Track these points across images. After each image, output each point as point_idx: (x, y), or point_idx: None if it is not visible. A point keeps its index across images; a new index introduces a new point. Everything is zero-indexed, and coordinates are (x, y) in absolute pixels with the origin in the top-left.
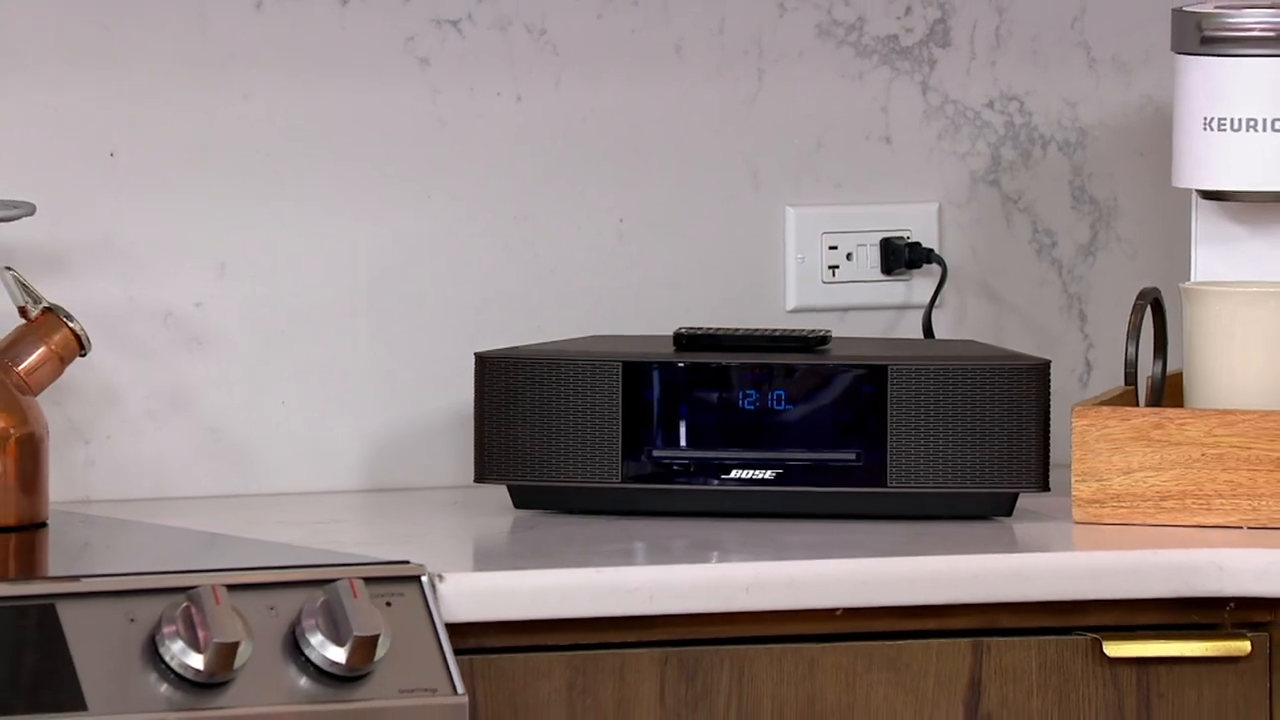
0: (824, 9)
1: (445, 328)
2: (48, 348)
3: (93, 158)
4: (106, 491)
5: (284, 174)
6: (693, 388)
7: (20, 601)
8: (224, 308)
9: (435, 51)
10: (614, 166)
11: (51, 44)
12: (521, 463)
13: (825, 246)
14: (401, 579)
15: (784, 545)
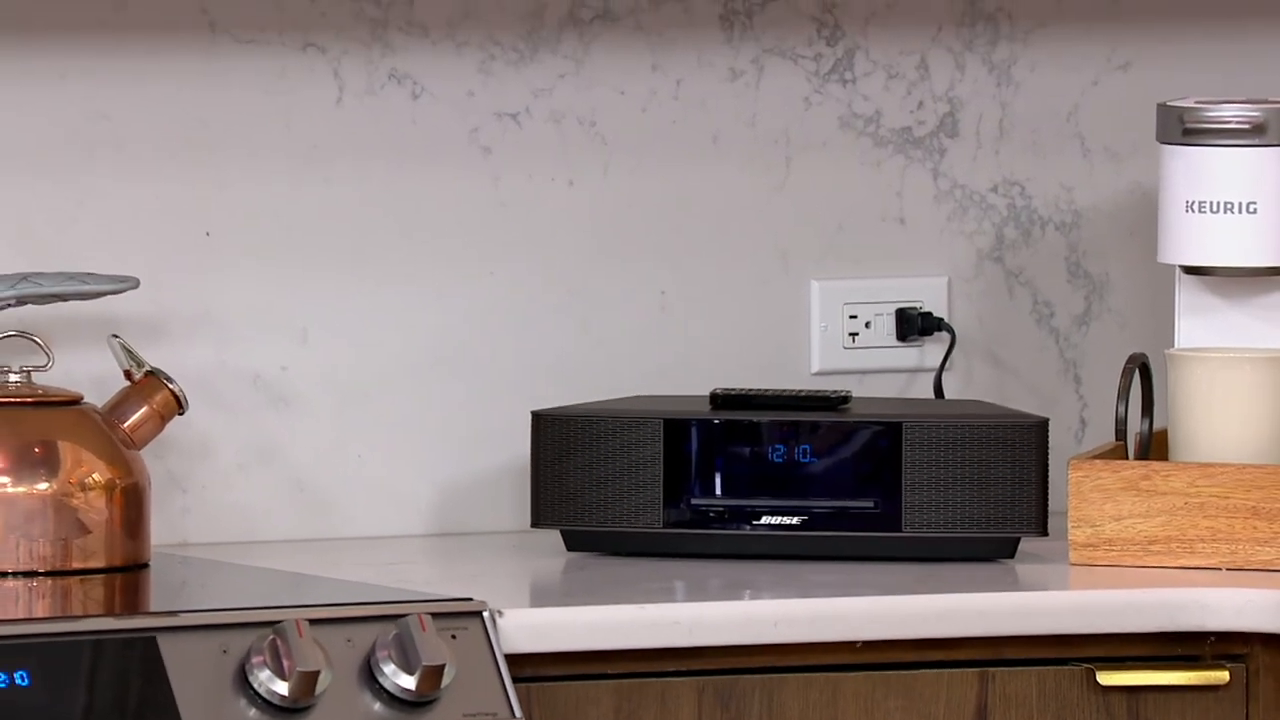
0: (845, 103)
1: (505, 388)
2: (150, 407)
3: (191, 237)
4: (202, 536)
5: (361, 251)
6: (727, 442)
7: (125, 634)
8: (306, 371)
9: (497, 141)
10: (657, 245)
11: (156, 136)
12: (573, 509)
13: (846, 316)
14: (465, 614)
15: (809, 584)
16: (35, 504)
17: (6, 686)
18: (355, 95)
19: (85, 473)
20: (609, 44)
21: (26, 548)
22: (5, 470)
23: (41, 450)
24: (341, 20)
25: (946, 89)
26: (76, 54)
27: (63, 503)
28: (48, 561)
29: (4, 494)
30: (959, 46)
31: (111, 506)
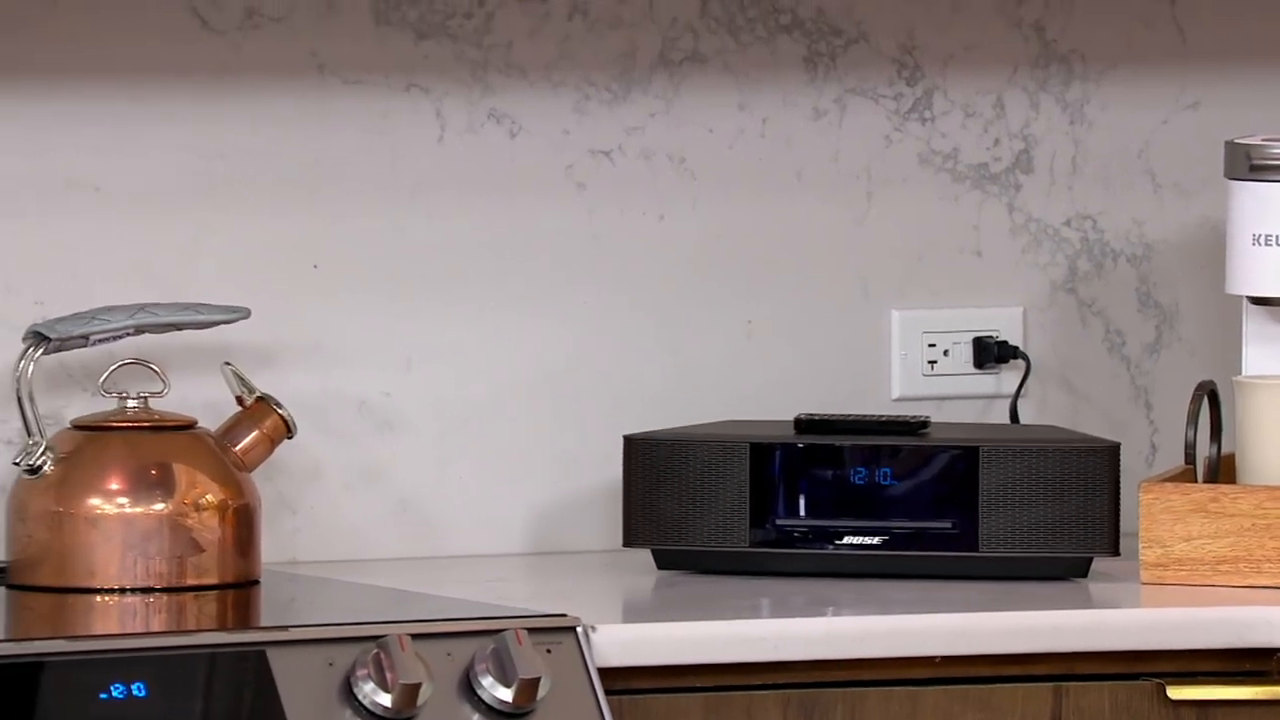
0: (924, 141)
1: (598, 414)
2: (260, 431)
3: (300, 269)
4: (310, 554)
5: (461, 282)
6: (811, 465)
7: (237, 648)
8: (410, 396)
9: (591, 177)
10: (743, 276)
11: (267, 174)
12: (663, 530)
13: (925, 344)
14: (560, 629)
15: (889, 602)
16: (152, 524)
17: (124, 697)
18: (456, 133)
19: (199, 494)
20: (698, 84)
21: (144, 565)
22: (124, 491)
23: (158, 472)
24: (443, 62)
25: (1022, 127)
26: (195, 98)
27: (178, 522)
28: (164, 578)
29: (122, 514)
30: (1034, 86)
31: (224, 526)
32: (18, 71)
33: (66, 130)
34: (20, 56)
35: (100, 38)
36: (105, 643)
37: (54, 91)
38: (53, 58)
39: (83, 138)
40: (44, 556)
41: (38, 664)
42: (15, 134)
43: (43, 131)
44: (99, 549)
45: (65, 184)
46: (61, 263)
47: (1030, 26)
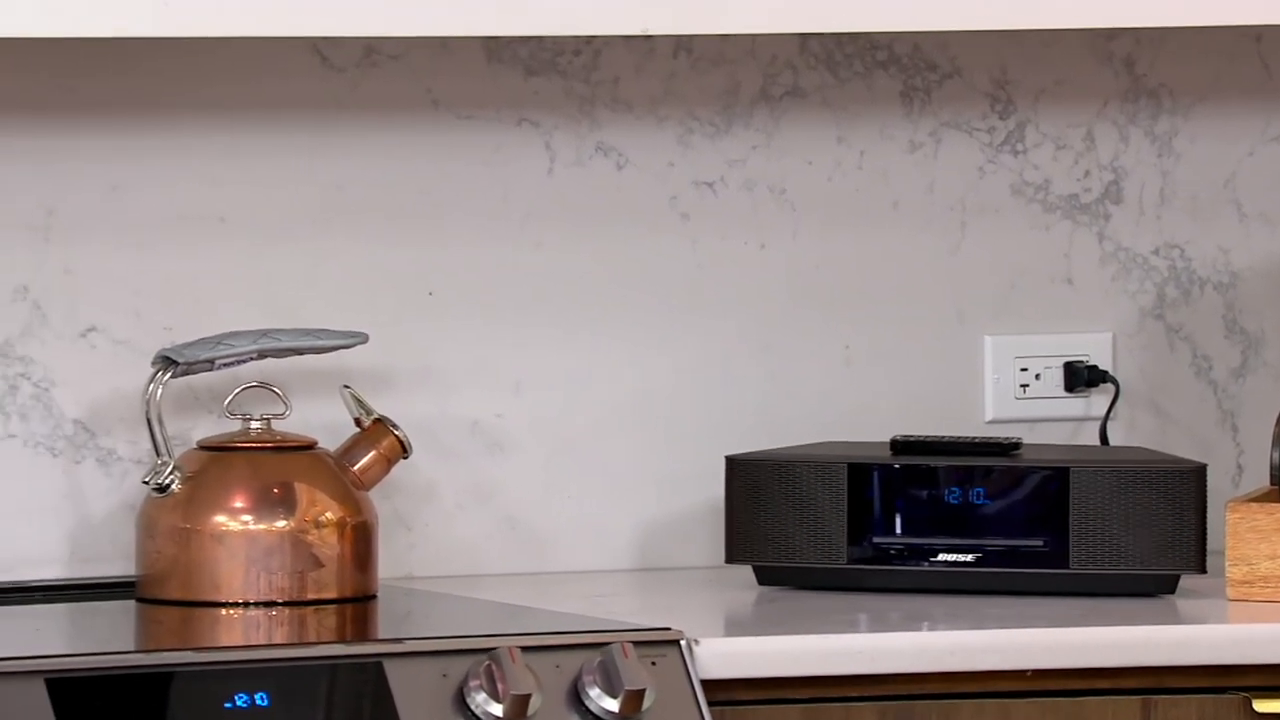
0: (1017, 172)
1: (702, 435)
2: (377, 451)
3: (415, 296)
4: (425, 570)
5: (570, 308)
6: (907, 485)
7: (355, 659)
8: (520, 418)
9: (694, 207)
10: (841, 303)
11: (384, 205)
12: (764, 547)
13: (1018, 369)
14: (664, 643)
15: (983, 616)
16: (274, 540)
17: (247, 706)
18: (565, 166)
19: (319, 511)
20: (798, 118)
21: (266, 580)
22: (247, 509)
23: (280, 491)
24: (553, 98)
25: (1111, 159)
26: (315, 131)
27: (299, 539)
28: (285, 593)
29: (246, 531)
30: (1123, 120)
31: (343, 543)
32: (150, 108)
33: (193, 163)
34: (151, 94)
35: (227, 75)
36: (230, 654)
37: (182, 126)
38: (181, 95)
39: (209, 170)
40: (172, 571)
41: (167, 674)
42: (147, 168)
43: (172, 164)
44: (224, 564)
45: (192, 214)
46: (188, 290)
47: (1120, 62)
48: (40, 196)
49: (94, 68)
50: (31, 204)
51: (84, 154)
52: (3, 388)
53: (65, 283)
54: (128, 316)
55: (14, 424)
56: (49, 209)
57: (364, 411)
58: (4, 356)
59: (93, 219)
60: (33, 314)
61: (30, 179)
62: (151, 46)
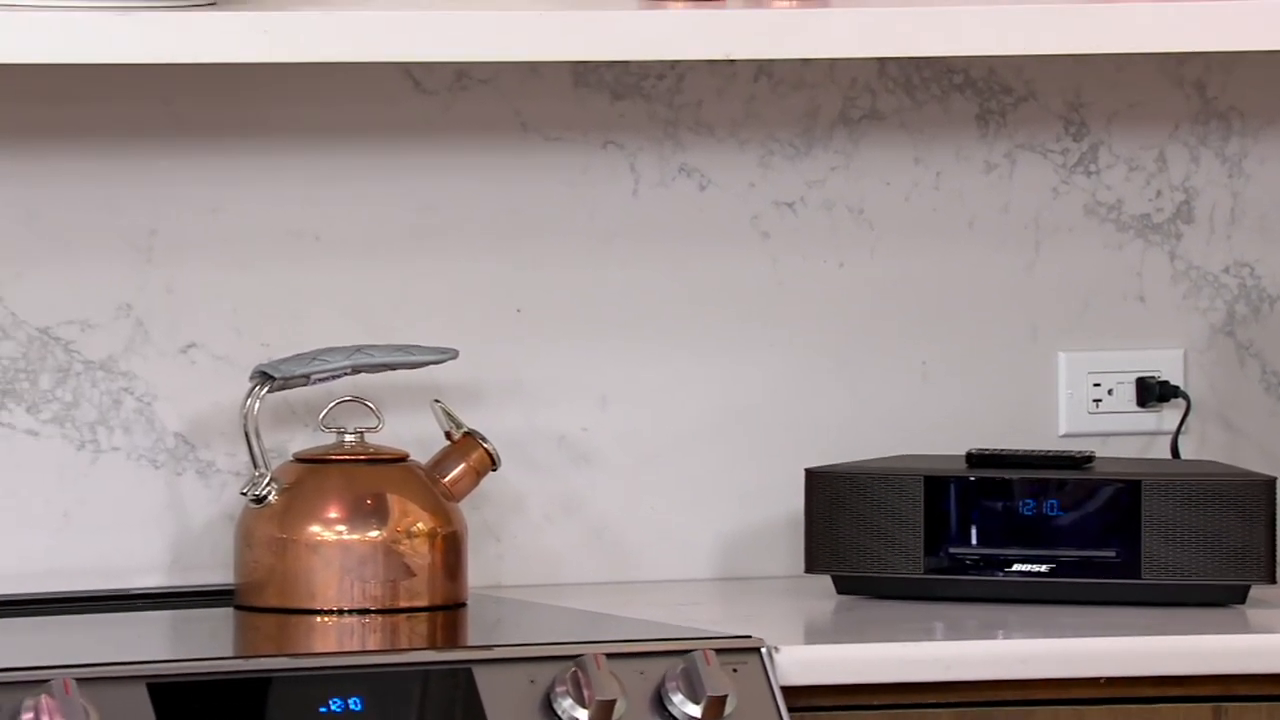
0: (1090, 193)
1: (782, 448)
2: (467, 464)
3: (504, 313)
4: (513, 579)
5: (653, 325)
6: (982, 497)
7: (445, 666)
8: (605, 432)
9: (775, 227)
10: (918, 319)
11: (474, 224)
12: (843, 557)
13: (1090, 384)
14: (745, 650)
15: (1056, 626)
16: (368, 550)
17: (341, 711)
18: (649, 186)
19: (411, 522)
20: (876, 140)
21: (360, 588)
22: (342, 520)
23: (373, 502)
24: (638, 121)
25: (1183, 179)
26: (407, 153)
27: (391, 549)
28: (378, 601)
29: (340, 541)
30: (1194, 141)
31: (434, 552)
32: (249, 132)
33: (290, 184)
34: (251, 118)
35: (322, 99)
36: (325, 660)
37: (280, 148)
38: (280, 118)
39: (306, 191)
40: (269, 580)
41: (265, 680)
42: (246, 189)
43: (269, 185)
44: (319, 573)
45: (288, 234)
46: (285, 307)
47: (1191, 85)
48: (143, 217)
49: (196, 92)
50: (135, 224)
51: (186, 176)
52: (107, 402)
53: (167, 301)
54: (227, 333)
55: (118, 437)
56: (152, 229)
57: (454, 425)
58: (108, 372)
59: (194, 239)
60: (136, 331)
61: (134, 200)
62: (252, 72)
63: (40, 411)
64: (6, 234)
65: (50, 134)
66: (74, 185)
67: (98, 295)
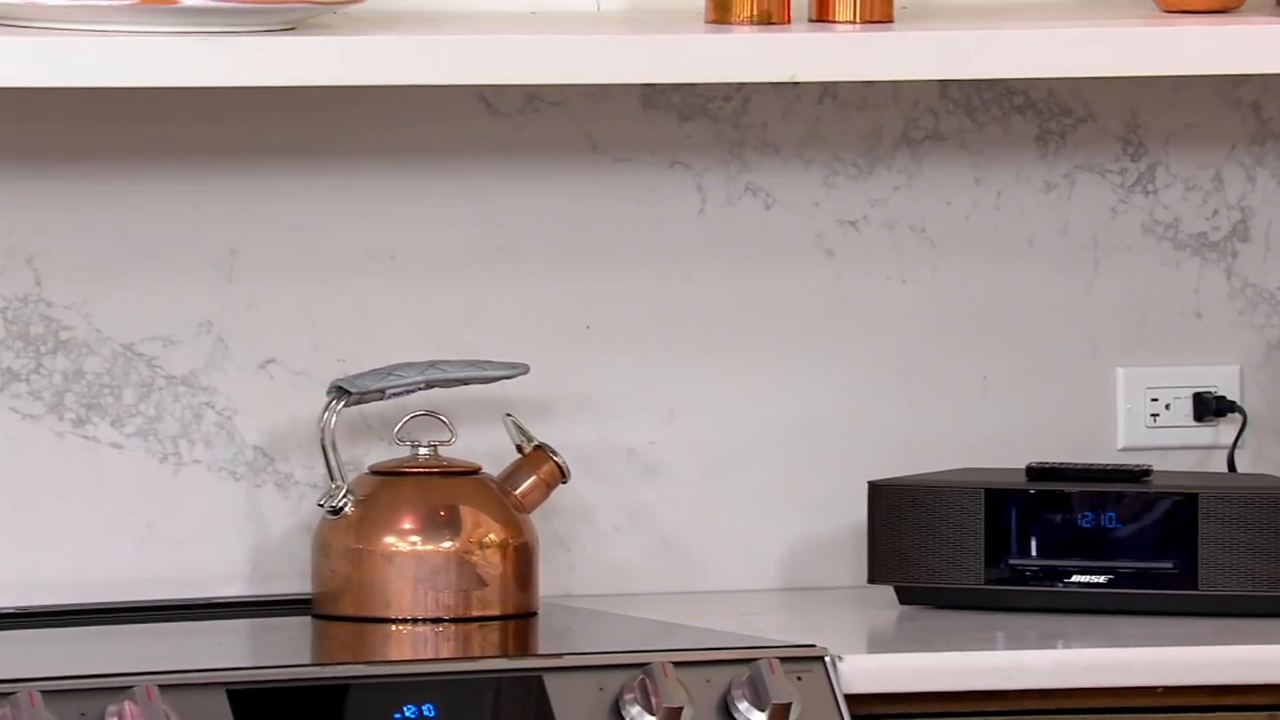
0: (1148, 212)
1: (845, 461)
2: (538, 476)
3: (573, 329)
4: (583, 588)
5: (719, 340)
6: (1041, 510)
7: (517, 673)
8: (672, 445)
9: (838, 244)
10: (979, 336)
11: (544, 242)
12: (905, 568)
13: (1148, 399)
14: (810, 659)
15: (1115, 635)
16: (441, 560)
17: (416, 717)
18: (716, 205)
19: (483, 533)
20: (937, 160)
21: (433, 598)
22: (416, 531)
23: (446, 514)
24: (705, 142)
25: (1239, 199)
26: (480, 173)
27: (464, 559)
28: (451, 610)
29: (414, 551)
30: (1250, 161)
31: (505, 563)
32: (327, 153)
33: (367, 204)
34: (329, 139)
35: (399, 121)
36: (400, 668)
37: (357, 169)
38: (358, 140)
39: (381, 210)
40: (345, 589)
41: (341, 686)
42: (324, 208)
43: (347, 205)
44: (394, 583)
45: (365, 252)
46: (361, 324)
47: (1248, 106)
48: (225, 236)
49: (277, 114)
50: (217, 243)
51: (266, 196)
52: (189, 416)
53: (247, 317)
54: (305, 349)
55: (199, 450)
56: (232, 248)
57: (525, 438)
58: (190, 387)
59: (273, 257)
60: (216, 347)
61: (216, 220)
62: (330, 94)
63: (124, 425)
64: (94, 253)
65: (137, 155)
66: (158, 205)
67: (180, 312)
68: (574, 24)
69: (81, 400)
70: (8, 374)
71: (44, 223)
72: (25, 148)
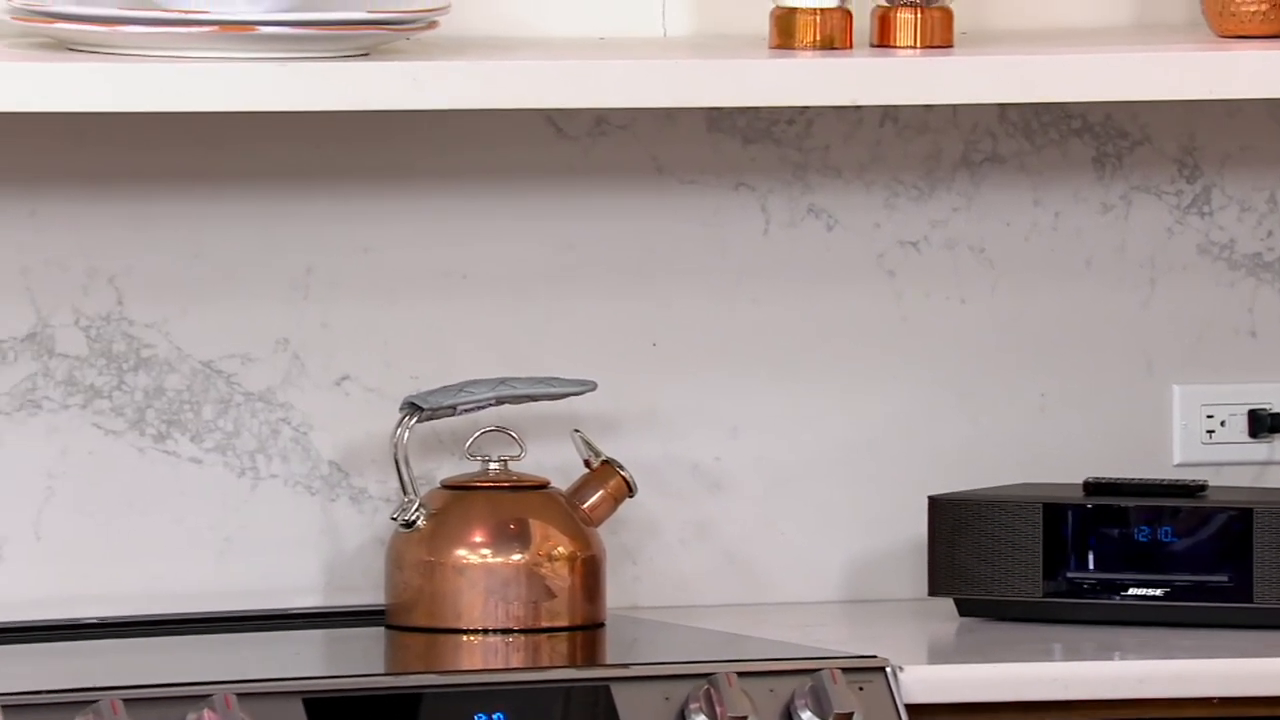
0: (1203, 233)
1: (906, 476)
2: (605, 491)
3: (640, 347)
4: (650, 600)
5: (783, 358)
6: (1098, 524)
7: (585, 683)
8: (737, 460)
9: (899, 265)
10: (1037, 353)
11: (611, 262)
12: (964, 581)
13: (1204, 415)
14: (871, 669)
15: (1171, 647)
16: (511, 572)
17: None
18: (779, 226)
19: (552, 546)
20: (996, 182)
21: (503, 609)
22: (486, 544)
23: (516, 527)
24: (769, 164)
25: None
26: (549, 195)
27: (533, 571)
28: (520, 621)
29: (485, 563)
30: None
31: (573, 575)
32: (400, 175)
33: (439, 225)
34: (402, 162)
35: (470, 144)
36: (471, 677)
37: (429, 191)
38: (429, 162)
39: (453, 231)
40: (417, 601)
41: (414, 695)
42: (397, 229)
43: (419, 226)
44: (465, 594)
45: (436, 272)
46: (433, 341)
47: None
48: (301, 256)
49: (350, 138)
50: (292, 263)
51: (340, 217)
52: (265, 431)
53: (322, 335)
54: (378, 366)
55: (275, 465)
56: (308, 267)
57: (593, 454)
58: (266, 403)
59: (347, 276)
60: (292, 364)
61: (292, 240)
62: (402, 118)
63: (203, 441)
64: (173, 272)
65: (215, 178)
66: (236, 226)
67: (257, 330)
68: (641, 49)
69: (162, 416)
70: (91, 391)
71: (125, 244)
72: (108, 171)
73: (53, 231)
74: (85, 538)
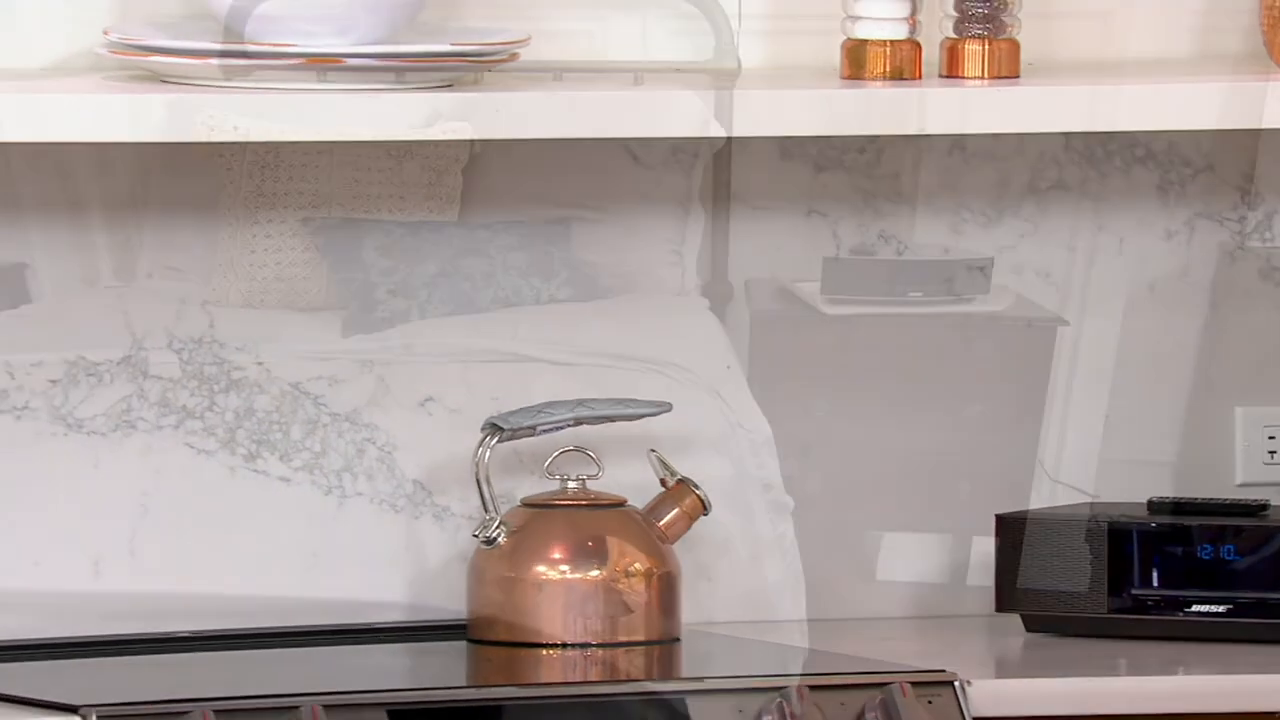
0: (1264, 258)
1: (973, 495)
2: (680, 509)
3: (713, 369)
4: (724, 615)
5: (852, 380)
6: (1162, 542)
7: (661, 696)
8: (807, 479)
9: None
10: (1102, 375)
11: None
12: (1031, 597)
13: (1266, 436)
14: (940, 683)
15: (1233, 663)
16: (589, 588)
17: None
18: (850, 252)
19: (629, 563)
20: (1062, 209)
21: (582, 624)
22: (565, 560)
23: (594, 544)
24: (840, 191)
25: None
26: (624, 220)
27: (611, 587)
28: (599, 635)
29: (564, 580)
30: None
31: (650, 591)
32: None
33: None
34: (482, 189)
35: (549, 172)
36: (551, 690)
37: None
38: (510, 191)
39: (531, 256)
40: (499, 616)
41: (495, 707)
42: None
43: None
44: (544, 610)
45: (515, 296)
46: (513, 364)
47: None
48: (389, 285)
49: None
50: (376, 287)
51: (420, 242)
52: (352, 451)
53: (406, 359)
54: (460, 388)
55: (361, 483)
56: (391, 290)
57: (668, 473)
58: (353, 424)
59: (430, 301)
60: (378, 386)
61: (376, 265)
62: (481, 147)
63: (292, 460)
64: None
65: (301, 206)
66: (320, 253)
67: (344, 353)
68: (716, 80)
69: (252, 436)
70: (184, 412)
71: (217, 269)
72: (200, 200)
73: (146, 257)
74: (178, 554)
